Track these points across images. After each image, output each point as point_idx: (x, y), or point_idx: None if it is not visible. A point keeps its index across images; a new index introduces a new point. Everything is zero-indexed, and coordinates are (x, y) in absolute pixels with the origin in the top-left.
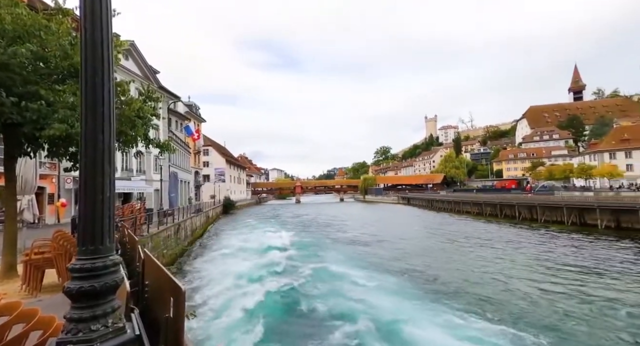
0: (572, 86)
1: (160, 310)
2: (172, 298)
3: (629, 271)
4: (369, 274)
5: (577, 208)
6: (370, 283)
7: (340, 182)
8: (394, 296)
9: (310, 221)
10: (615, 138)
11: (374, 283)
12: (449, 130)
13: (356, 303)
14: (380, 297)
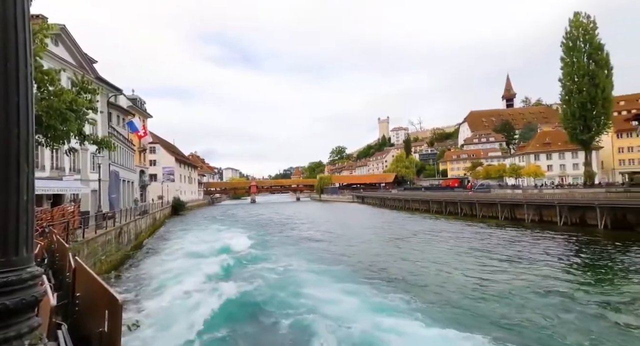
0: (505, 94)
1: (93, 325)
2: (107, 311)
3: (547, 258)
4: (324, 272)
5: (509, 205)
6: (325, 281)
7: (296, 181)
8: (345, 291)
9: (266, 221)
10: (539, 142)
11: (329, 280)
12: (400, 132)
13: (310, 300)
14: (333, 293)
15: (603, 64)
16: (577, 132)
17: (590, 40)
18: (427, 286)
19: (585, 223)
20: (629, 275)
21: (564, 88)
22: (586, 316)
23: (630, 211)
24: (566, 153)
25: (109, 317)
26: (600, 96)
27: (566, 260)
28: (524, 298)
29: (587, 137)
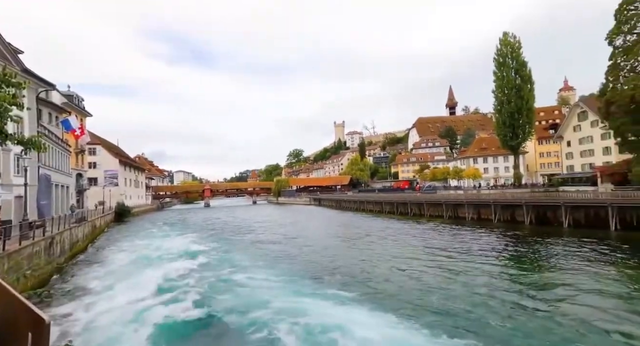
0: (448, 103)
1: None
2: (30, 333)
3: (484, 251)
4: (279, 274)
5: (452, 205)
6: (280, 283)
7: (253, 184)
8: (299, 291)
9: (221, 225)
10: (477, 147)
11: (284, 282)
12: (355, 136)
13: (265, 303)
14: (287, 294)
15: (527, 79)
16: (507, 138)
17: (517, 58)
18: (376, 282)
19: (515, 219)
20: (546, 263)
21: (497, 99)
22: (511, 299)
23: (548, 208)
24: (499, 157)
25: (33, 340)
26: (525, 107)
27: (498, 252)
28: (460, 286)
29: (515, 143)
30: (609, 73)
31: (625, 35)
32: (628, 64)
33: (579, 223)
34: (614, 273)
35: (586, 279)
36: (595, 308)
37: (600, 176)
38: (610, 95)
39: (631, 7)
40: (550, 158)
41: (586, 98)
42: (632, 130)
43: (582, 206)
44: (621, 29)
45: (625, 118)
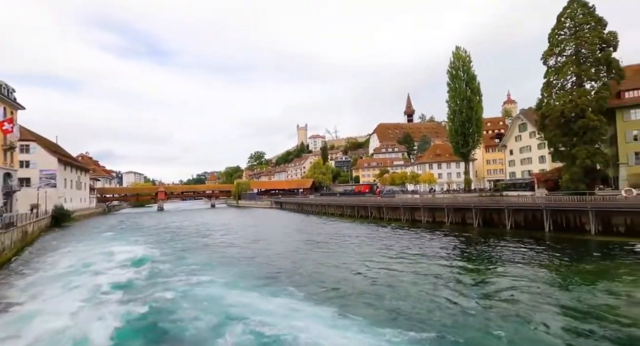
0: (406, 110)
1: None
2: None
3: (436, 251)
4: (237, 280)
5: (410, 208)
6: (238, 288)
7: (211, 186)
8: (256, 295)
9: (175, 230)
10: (432, 153)
11: (242, 287)
12: (318, 139)
13: (221, 309)
14: (245, 299)
15: (476, 91)
16: (459, 146)
17: (467, 71)
18: (331, 283)
19: (466, 222)
20: (490, 262)
21: (450, 109)
22: (457, 295)
23: (494, 211)
24: (452, 163)
25: None
26: (474, 117)
27: (449, 253)
28: (411, 285)
29: (466, 150)
30: (543, 89)
31: (557, 57)
32: (559, 82)
33: (519, 225)
34: (547, 270)
35: (523, 276)
36: (529, 301)
37: (536, 182)
38: (544, 109)
39: (561, 32)
40: (496, 165)
41: (525, 111)
42: (562, 141)
43: (522, 209)
44: (553, 51)
45: (557, 130)
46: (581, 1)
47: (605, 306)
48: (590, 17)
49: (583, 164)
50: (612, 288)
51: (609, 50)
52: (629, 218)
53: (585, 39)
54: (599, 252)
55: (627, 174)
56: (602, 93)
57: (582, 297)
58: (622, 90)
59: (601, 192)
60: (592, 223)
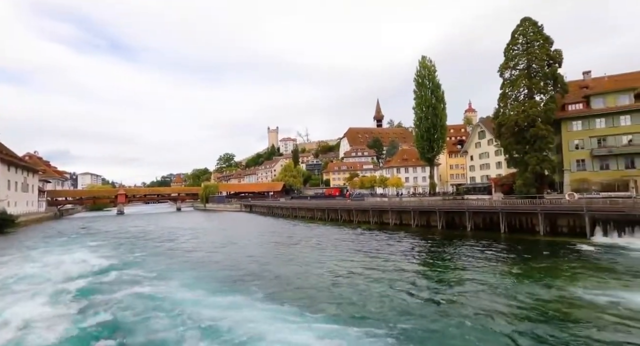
0: (376, 115)
1: None
2: None
3: (403, 253)
4: (204, 286)
5: (378, 211)
6: (204, 296)
7: (177, 189)
8: (221, 302)
9: (137, 235)
10: (400, 158)
11: (207, 295)
12: (289, 142)
13: (184, 319)
14: (209, 308)
15: (440, 99)
16: (425, 151)
17: (432, 80)
18: (299, 286)
19: (430, 224)
20: (451, 262)
21: (416, 116)
22: (421, 294)
23: (456, 214)
24: (418, 168)
25: None
26: (439, 124)
27: (415, 254)
28: (379, 285)
29: (431, 155)
30: (500, 100)
31: (511, 70)
32: (513, 93)
33: (479, 227)
34: (502, 269)
35: (481, 275)
36: (485, 299)
37: (494, 186)
38: (500, 118)
39: (515, 48)
40: (458, 170)
41: (484, 120)
42: (515, 149)
43: (480, 212)
44: (508, 64)
45: (511, 138)
46: (532, 20)
47: (551, 301)
48: (539, 35)
49: (534, 170)
50: (556, 284)
51: (555, 66)
52: (571, 219)
53: (535, 55)
54: (547, 251)
55: (570, 180)
56: (549, 106)
57: (531, 293)
58: (566, 103)
59: (549, 195)
60: (541, 225)
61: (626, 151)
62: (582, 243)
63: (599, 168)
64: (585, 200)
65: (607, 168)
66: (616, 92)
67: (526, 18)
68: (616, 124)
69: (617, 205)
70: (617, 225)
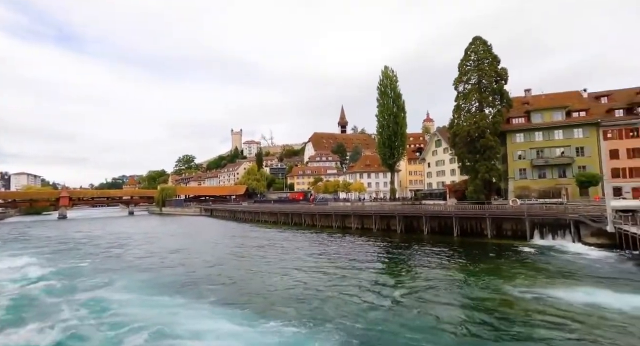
0: (340, 121)
1: None
2: None
3: (363, 256)
4: (154, 299)
5: (341, 215)
6: (154, 307)
7: (130, 192)
8: (170, 313)
9: (81, 242)
10: (363, 164)
11: (158, 306)
12: (253, 145)
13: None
14: (159, 318)
15: (401, 108)
16: (386, 157)
17: (394, 89)
18: (256, 292)
19: (390, 228)
20: (409, 264)
21: (379, 123)
22: (378, 294)
23: (414, 218)
24: (380, 173)
25: None
26: (399, 132)
27: (375, 257)
28: (337, 288)
29: (392, 162)
30: (454, 111)
31: (464, 84)
32: (466, 106)
33: (434, 231)
34: (454, 270)
35: (435, 276)
36: (437, 297)
37: (448, 192)
38: (455, 128)
39: (467, 64)
40: (417, 176)
41: (441, 129)
42: (468, 157)
43: (436, 216)
44: (462, 79)
45: (464, 148)
46: (482, 39)
47: (492, 300)
48: (488, 54)
49: (483, 177)
50: (498, 284)
51: (501, 82)
52: (514, 223)
53: (485, 72)
54: (493, 253)
55: (514, 187)
56: (497, 119)
57: (477, 293)
58: (510, 117)
59: (496, 201)
60: (489, 229)
61: (559, 162)
62: (523, 245)
63: (537, 176)
64: (526, 206)
65: (544, 177)
66: (551, 109)
67: (477, 37)
68: (551, 137)
69: (551, 210)
70: (552, 228)
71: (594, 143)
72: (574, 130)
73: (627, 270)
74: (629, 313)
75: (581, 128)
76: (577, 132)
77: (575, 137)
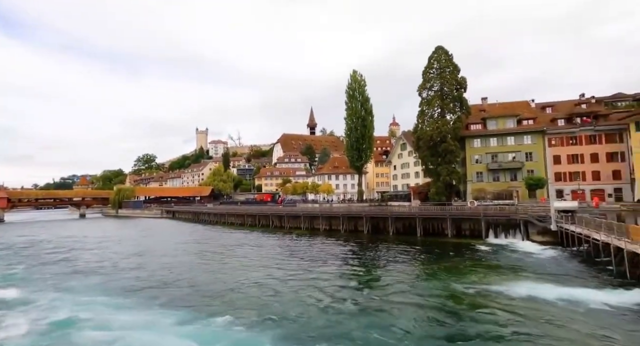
0: (309, 123)
1: None
2: None
3: (332, 258)
4: (101, 309)
5: (309, 217)
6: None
7: (82, 192)
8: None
9: (21, 247)
10: (331, 165)
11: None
12: (219, 145)
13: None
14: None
15: (369, 112)
16: (354, 159)
17: (362, 93)
18: (218, 296)
19: (358, 229)
20: (374, 264)
21: (347, 126)
22: (344, 295)
23: (380, 219)
24: (348, 175)
25: None
26: (367, 135)
27: (342, 257)
28: (302, 290)
29: (360, 164)
30: (418, 116)
31: (428, 91)
32: (429, 111)
33: (399, 231)
34: (416, 269)
35: (399, 275)
36: (400, 296)
37: (412, 194)
38: (419, 133)
39: (431, 72)
40: (383, 178)
41: (406, 133)
42: (430, 161)
43: (401, 217)
44: (425, 86)
45: (427, 151)
46: (444, 49)
47: (450, 296)
48: (449, 63)
49: (445, 180)
50: (456, 280)
51: (461, 90)
52: (472, 223)
53: (446, 80)
54: (453, 252)
55: (472, 189)
56: (457, 124)
57: (437, 289)
58: (469, 123)
59: (456, 203)
60: (449, 229)
61: (511, 166)
62: (480, 244)
63: (492, 179)
64: (482, 207)
65: (498, 180)
66: (504, 117)
67: (439, 47)
68: (504, 143)
69: (504, 211)
70: (504, 227)
71: (541, 150)
72: (524, 137)
73: (566, 265)
74: (559, 305)
75: (530, 136)
76: (527, 138)
77: (525, 143)
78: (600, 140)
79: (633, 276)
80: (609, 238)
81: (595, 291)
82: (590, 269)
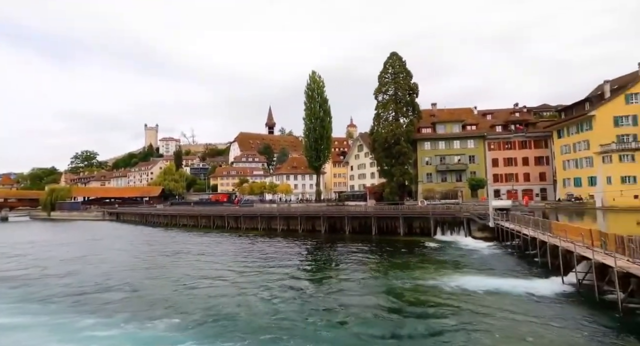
0: (268, 122)
1: None
2: None
3: (289, 258)
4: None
5: (267, 217)
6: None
7: (4, 193)
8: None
9: None
10: (290, 165)
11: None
12: (171, 143)
13: None
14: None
15: (327, 113)
16: (312, 160)
17: (321, 94)
18: (160, 303)
19: (315, 229)
20: (330, 263)
21: (306, 126)
22: (300, 295)
23: (337, 219)
24: (306, 175)
25: None
26: (325, 136)
27: (298, 258)
28: (255, 293)
29: (318, 164)
30: (374, 119)
31: (383, 95)
32: (385, 115)
33: (356, 230)
34: (371, 267)
35: (354, 273)
36: (351, 295)
37: (368, 194)
38: (374, 135)
39: (386, 76)
40: (341, 178)
41: (363, 135)
42: (385, 162)
43: (357, 217)
44: (381, 89)
45: (382, 153)
46: (398, 55)
47: (402, 291)
48: (403, 69)
49: (398, 180)
50: (404, 275)
51: (413, 95)
52: (422, 222)
53: (400, 85)
54: (405, 249)
55: (422, 189)
56: (409, 128)
57: (386, 286)
58: (420, 127)
59: (408, 202)
60: (402, 227)
61: (457, 168)
62: (429, 241)
63: (440, 180)
64: (431, 206)
65: (446, 180)
66: (451, 122)
67: (394, 53)
68: (451, 146)
69: (450, 209)
70: (450, 225)
71: (482, 153)
72: (468, 141)
73: (500, 258)
74: (491, 295)
75: (473, 140)
76: (470, 142)
77: (469, 147)
78: (530, 146)
79: (553, 266)
80: (535, 233)
81: (522, 281)
82: (521, 261)
